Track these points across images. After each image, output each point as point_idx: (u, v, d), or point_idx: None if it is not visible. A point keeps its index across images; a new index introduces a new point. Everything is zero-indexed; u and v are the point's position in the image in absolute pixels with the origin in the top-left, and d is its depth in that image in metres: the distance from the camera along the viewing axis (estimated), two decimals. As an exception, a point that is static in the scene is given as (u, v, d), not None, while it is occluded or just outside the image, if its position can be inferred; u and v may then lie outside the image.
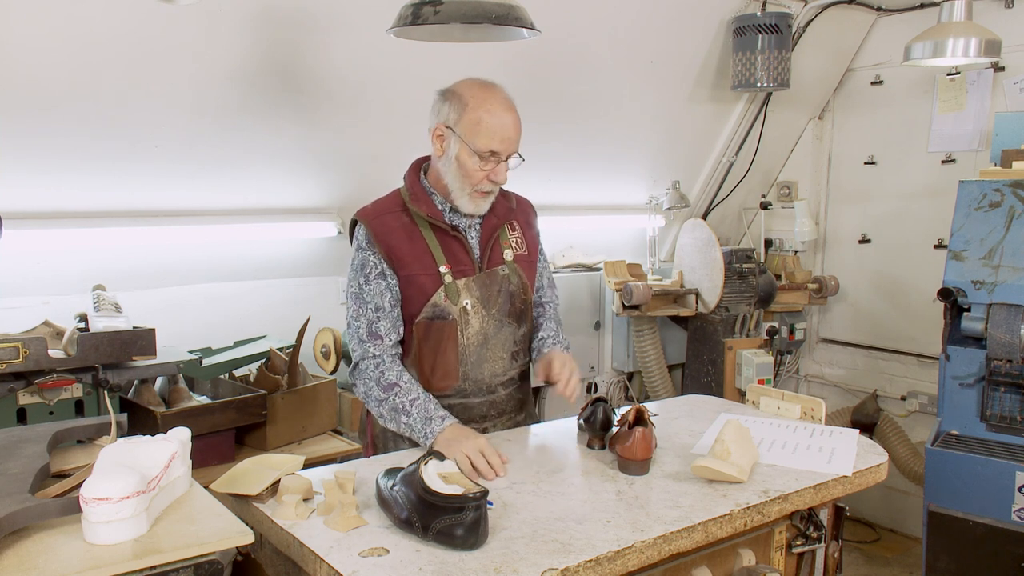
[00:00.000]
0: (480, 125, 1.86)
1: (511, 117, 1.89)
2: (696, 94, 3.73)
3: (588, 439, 1.89)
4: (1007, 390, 2.71)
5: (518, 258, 2.05)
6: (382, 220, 1.96)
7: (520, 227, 2.10)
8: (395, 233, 1.94)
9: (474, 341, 1.97)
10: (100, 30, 2.27)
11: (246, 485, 1.55)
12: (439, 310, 1.93)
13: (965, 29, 2.89)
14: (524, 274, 2.05)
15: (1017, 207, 2.75)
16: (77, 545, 1.24)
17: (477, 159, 1.88)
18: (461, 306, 1.94)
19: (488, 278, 1.98)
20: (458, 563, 1.30)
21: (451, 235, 1.96)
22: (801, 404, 2.11)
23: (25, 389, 2.04)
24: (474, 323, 1.96)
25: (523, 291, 2.04)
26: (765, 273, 3.77)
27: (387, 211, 1.98)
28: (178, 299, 2.81)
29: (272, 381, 2.62)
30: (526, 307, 2.06)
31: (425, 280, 1.93)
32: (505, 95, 1.92)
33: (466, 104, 1.89)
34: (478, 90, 1.91)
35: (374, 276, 1.94)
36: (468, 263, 1.97)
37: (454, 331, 1.94)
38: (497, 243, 2.02)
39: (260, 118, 2.69)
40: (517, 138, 1.91)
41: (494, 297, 1.98)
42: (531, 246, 2.10)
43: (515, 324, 2.03)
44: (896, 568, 3.69)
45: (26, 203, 2.45)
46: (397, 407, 1.86)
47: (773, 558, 1.73)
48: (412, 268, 1.93)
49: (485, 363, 2.00)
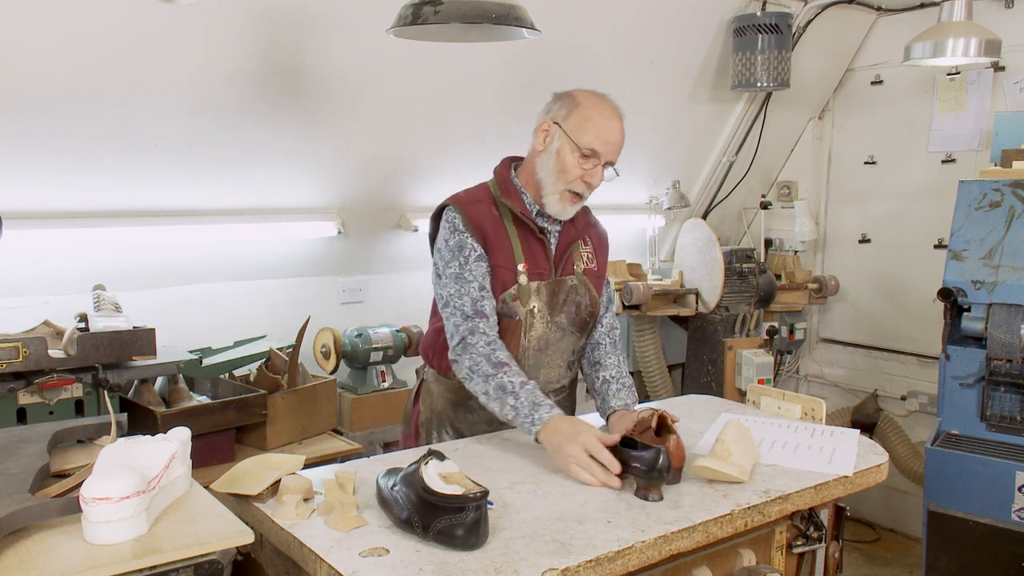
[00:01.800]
0: (587, 123, 1.90)
1: (618, 124, 1.93)
2: (696, 94, 3.73)
3: (641, 489, 1.59)
4: (1007, 390, 2.71)
5: (588, 272, 2.07)
6: (475, 208, 1.96)
7: (593, 244, 2.12)
8: (487, 222, 1.95)
9: (535, 345, 1.99)
10: (100, 30, 2.27)
11: (246, 485, 1.55)
12: (508, 308, 1.95)
13: (965, 29, 2.88)
14: (593, 287, 2.06)
15: (1017, 207, 2.75)
16: (77, 545, 1.24)
17: (578, 155, 1.90)
18: (528, 308, 1.96)
19: (558, 286, 2.00)
20: (458, 563, 1.30)
21: (536, 236, 1.98)
22: (801, 404, 2.11)
23: (25, 389, 2.04)
24: (538, 327, 1.98)
25: (590, 303, 2.05)
26: (765, 273, 3.77)
27: (479, 200, 1.98)
28: (178, 299, 2.81)
29: (272, 381, 2.62)
30: (591, 319, 2.07)
31: (505, 274, 1.94)
32: (616, 105, 1.96)
33: (578, 104, 1.92)
34: (591, 94, 1.95)
35: (474, 258, 1.92)
36: (545, 267, 1.99)
37: (518, 332, 1.96)
38: (570, 253, 2.04)
39: (260, 118, 2.69)
40: (619, 146, 1.93)
41: (560, 305, 2.00)
42: (601, 263, 2.13)
43: (577, 334, 2.05)
44: (896, 568, 3.69)
45: (26, 203, 2.45)
46: (505, 386, 1.80)
47: (773, 558, 1.73)
48: (498, 259, 1.94)
49: (542, 368, 2.02)
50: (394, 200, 3.15)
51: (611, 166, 1.95)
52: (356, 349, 2.96)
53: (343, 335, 2.99)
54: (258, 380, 2.66)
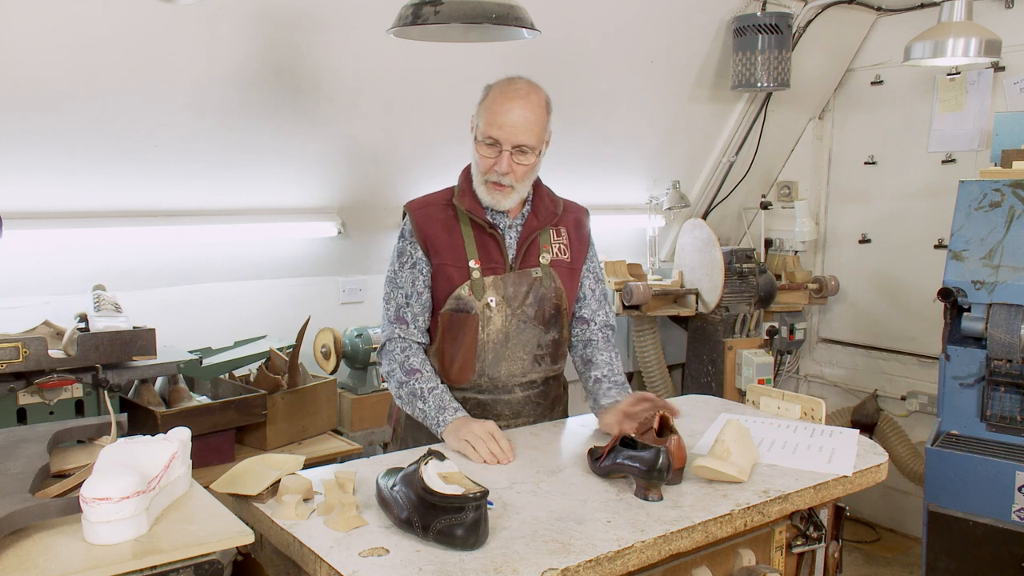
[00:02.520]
0: (486, 112, 1.92)
1: (517, 104, 1.89)
2: (696, 94, 3.73)
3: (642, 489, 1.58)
4: (1007, 390, 2.71)
5: (556, 263, 2.05)
6: (426, 211, 2.03)
7: (568, 234, 2.10)
8: (436, 224, 2.00)
9: (494, 338, 1.99)
10: (100, 30, 2.27)
11: (246, 485, 1.55)
12: (462, 303, 1.97)
13: (965, 29, 2.88)
14: (560, 279, 2.05)
15: (1017, 207, 2.75)
16: (77, 545, 1.24)
17: (480, 146, 1.93)
18: (484, 302, 1.97)
19: (518, 278, 2.00)
20: (458, 563, 1.30)
21: (487, 232, 1.99)
22: (801, 404, 2.11)
23: (25, 389, 2.04)
24: (496, 320, 1.98)
25: (556, 296, 2.04)
26: (765, 273, 3.77)
27: (433, 203, 2.05)
28: (178, 299, 2.81)
29: (272, 381, 2.62)
30: (558, 313, 2.05)
31: (453, 272, 1.98)
32: (523, 85, 1.93)
33: (487, 93, 1.96)
34: (500, 81, 1.96)
35: (408, 265, 2.01)
36: (500, 261, 1.99)
37: (475, 326, 1.97)
38: (535, 245, 2.03)
39: (260, 118, 2.69)
40: (520, 128, 1.89)
41: (521, 298, 2.00)
42: (576, 255, 2.10)
43: (542, 328, 2.03)
44: (896, 568, 3.69)
45: (26, 203, 2.45)
46: (415, 391, 1.92)
47: (773, 558, 1.73)
48: (444, 258, 1.98)
49: (503, 361, 2.01)
50: (394, 200, 3.15)
51: (525, 149, 1.90)
52: (356, 349, 2.96)
53: (343, 335, 2.99)
54: (258, 380, 2.66)
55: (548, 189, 2.12)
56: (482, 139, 1.92)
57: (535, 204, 2.06)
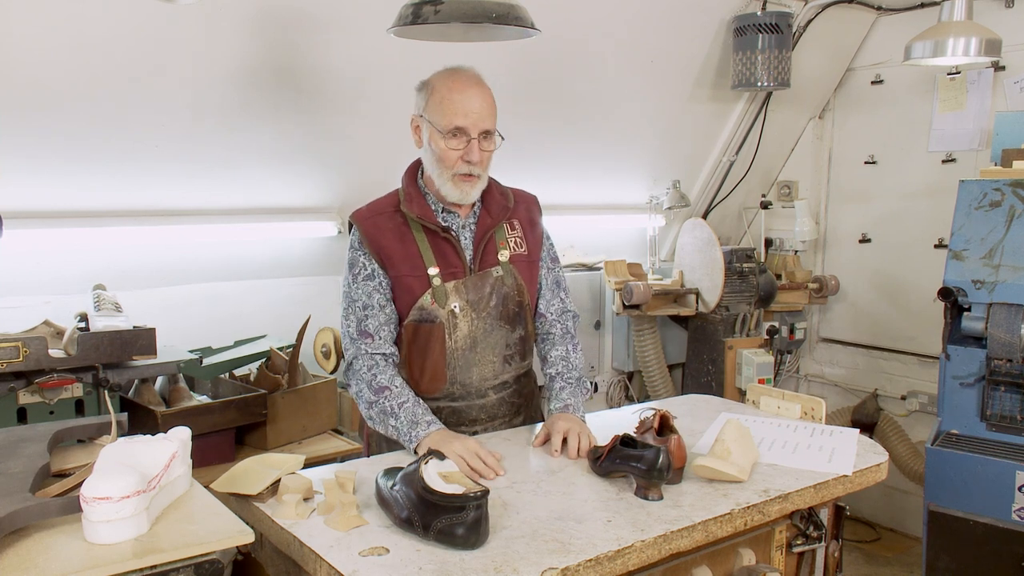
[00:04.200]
0: (443, 103, 1.86)
1: (474, 91, 1.87)
2: (696, 93, 3.73)
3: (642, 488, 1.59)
4: (1007, 389, 2.71)
5: (515, 259, 2.00)
6: (375, 221, 1.96)
7: (521, 226, 2.05)
8: (387, 234, 1.93)
9: (462, 345, 1.94)
10: (100, 29, 2.27)
11: (246, 484, 1.55)
12: (426, 313, 1.92)
13: (965, 28, 2.88)
14: (520, 275, 2.00)
15: (1017, 206, 2.75)
16: (77, 544, 1.24)
17: (447, 139, 1.87)
18: (449, 309, 1.92)
19: (480, 280, 1.95)
20: (458, 562, 1.30)
21: (441, 236, 1.93)
22: (801, 404, 2.11)
23: (25, 388, 2.04)
24: (462, 326, 1.93)
25: (518, 293, 1.99)
26: (765, 272, 3.77)
27: (381, 212, 1.98)
28: (178, 299, 2.81)
29: (272, 381, 2.62)
30: (521, 309, 2.01)
31: (413, 282, 1.92)
32: (471, 73, 1.91)
33: (432, 88, 1.90)
34: (443, 73, 1.92)
35: (363, 277, 1.94)
36: (459, 265, 1.94)
37: (441, 334, 1.92)
38: (491, 243, 1.98)
39: (260, 118, 2.69)
40: (484, 113, 1.86)
41: (485, 300, 1.95)
42: (532, 246, 2.05)
43: (508, 327, 1.99)
44: (896, 567, 3.69)
45: (26, 202, 2.45)
46: (386, 410, 1.85)
47: (773, 557, 1.73)
48: (401, 269, 1.92)
49: (474, 367, 1.96)
50: (394, 200, 3.15)
51: (489, 134, 1.89)
52: (356, 349, 2.96)
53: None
54: (258, 380, 2.66)
55: (495, 181, 2.05)
56: (446, 132, 1.86)
57: (485, 200, 2.00)
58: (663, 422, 1.68)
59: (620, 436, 1.67)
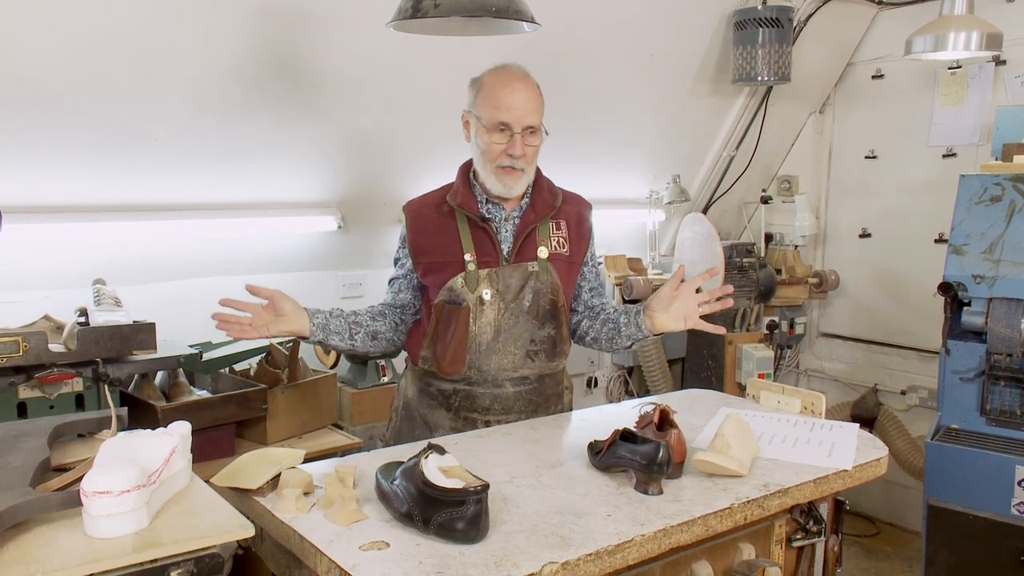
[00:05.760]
0: (488, 99, 1.93)
1: (519, 86, 1.93)
2: (696, 88, 3.73)
3: (641, 483, 1.58)
4: (1007, 384, 2.71)
5: (554, 257, 2.04)
6: (419, 211, 2.08)
7: (568, 226, 2.09)
8: (429, 224, 2.04)
9: (486, 331, 1.99)
10: (100, 25, 2.26)
11: (246, 479, 1.56)
12: (455, 295, 1.98)
13: (966, 23, 2.88)
14: (557, 274, 2.03)
15: (1018, 201, 2.75)
16: (78, 539, 1.24)
17: (491, 133, 1.93)
18: (478, 295, 1.97)
19: (513, 271, 2.00)
20: (458, 557, 1.31)
21: (480, 226, 2.00)
22: (801, 398, 2.11)
23: (25, 383, 2.04)
24: (488, 313, 1.98)
25: (552, 291, 2.03)
26: (765, 267, 3.77)
27: (429, 203, 2.08)
28: (178, 293, 2.81)
29: (272, 375, 2.63)
30: (555, 308, 2.04)
31: (446, 266, 1.99)
32: (518, 70, 1.98)
33: (481, 85, 1.97)
34: (492, 70, 1.98)
35: (398, 263, 2.14)
36: (494, 255, 2.00)
37: (466, 318, 1.97)
38: (532, 238, 2.02)
39: (260, 112, 2.68)
40: (528, 108, 1.93)
41: (515, 291, 1.99)
42: (575, 248, 2.09)
43: (536, 323, 2.02)
44: (896, 562, 3.69)
45: (26, 197, 2.45)
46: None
47: (773, 552, 1.74)
48: (434, 256, 2.02)
49: (494, 355, 2.00)
50: (394, 194, 3.15)
51: (535, 130, 1.96)
52: (356, 343, 2.96)
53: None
54: (258, 375, 2.66)
55: (548, 180, 2.12)
56: (490, 127, 1.92)
57: (534, 196, 2.06)
58: (663, 417, 1.68)
59: (620, 431, 1.67)
